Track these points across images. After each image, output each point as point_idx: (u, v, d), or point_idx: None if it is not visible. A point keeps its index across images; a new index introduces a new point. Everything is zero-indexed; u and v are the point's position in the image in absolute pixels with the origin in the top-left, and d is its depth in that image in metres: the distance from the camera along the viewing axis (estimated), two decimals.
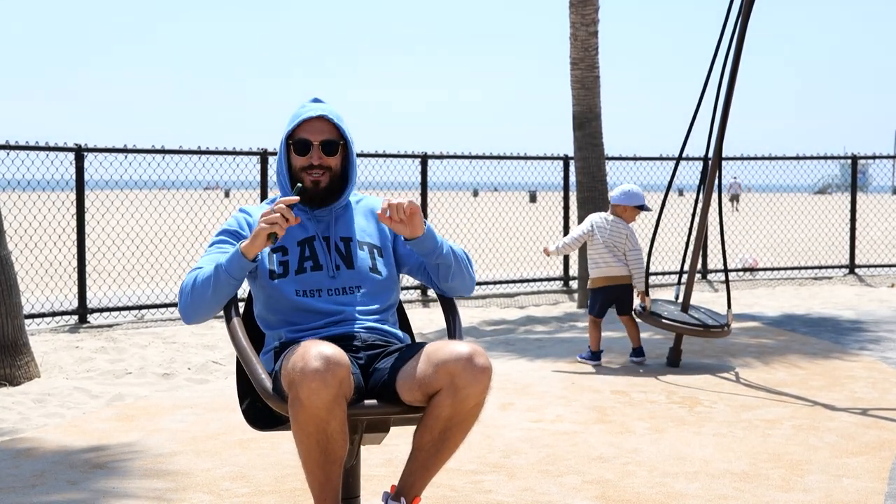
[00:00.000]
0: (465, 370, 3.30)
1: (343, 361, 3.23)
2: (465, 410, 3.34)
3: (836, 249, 16.03)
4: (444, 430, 3.37)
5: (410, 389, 3.36)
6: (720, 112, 7.26)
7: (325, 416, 3.21)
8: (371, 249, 3.68)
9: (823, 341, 8.44)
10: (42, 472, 4.75)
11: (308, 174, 3.60)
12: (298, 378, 3.19)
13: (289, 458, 4.94)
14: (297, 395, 3.20)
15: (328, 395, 3.18)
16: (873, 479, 4.61)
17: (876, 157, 15.05)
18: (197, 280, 3.52)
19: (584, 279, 11.13)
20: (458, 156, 12.68)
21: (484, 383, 3.34)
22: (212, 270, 3.49)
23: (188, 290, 3.54)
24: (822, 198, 25.15)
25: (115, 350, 8.14)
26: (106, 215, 13.04)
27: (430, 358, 3.34)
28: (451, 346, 3.36)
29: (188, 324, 3.60)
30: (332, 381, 3.18)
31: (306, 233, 3.64)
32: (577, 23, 10.96)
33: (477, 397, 3.35)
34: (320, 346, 3.24)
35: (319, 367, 3.18)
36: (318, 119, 3.61)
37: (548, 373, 7.10)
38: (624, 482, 4.58)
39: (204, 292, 3.51)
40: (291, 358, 3.26)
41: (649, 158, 13.64)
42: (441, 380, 3.31)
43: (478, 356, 3.34)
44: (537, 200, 17.93)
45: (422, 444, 3.41)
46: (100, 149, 10.13)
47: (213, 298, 3.51)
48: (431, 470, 3.46)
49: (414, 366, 3.37)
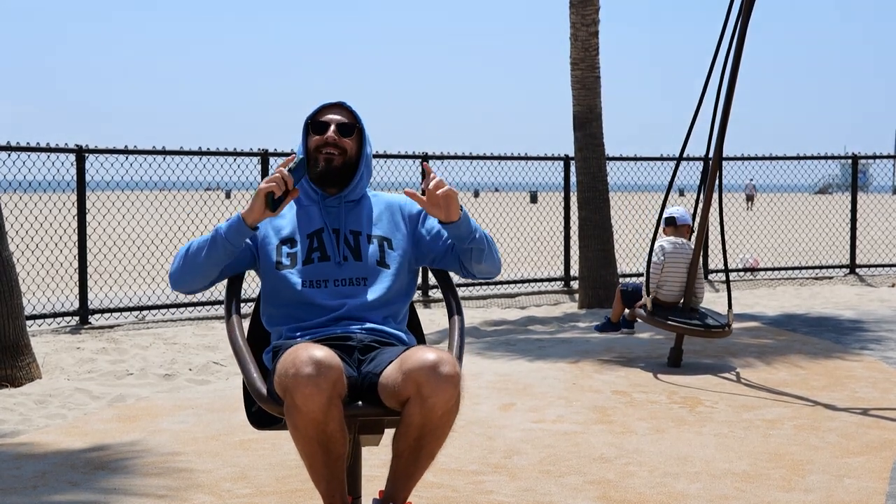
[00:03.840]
0: (429, 379, 3.22)
1: (334, 363, 3.22)
2: (433, 419, 3.28)
3: (837, 249, 16.02)
4: (418, 438, 3.32)
5: (387, 395, 3.34)
6: (720, 112, 7.26)
7: (323, 419, 3.21)
8: (381, 242, 3.68)
9: (824, 341, 8.44)
10: (43, 472, 4.76)
11: (322, 153, 3.63)
12: (292, 384, 3.18)
13: (290, 458, 4.94)
14: (293, 401, 3.19)
15: (322, 398, 3.18)
16: (874, 479, 4.61)
17: (876, 157, 15.05)
18: (193, 244, 3.55)
19: (585, 279, 11.14)
20: (459, 156, 12.68)
21: (449, 392, 3.24)
22: (209, 235, 3.52)
23: (182, 253, 3.56)
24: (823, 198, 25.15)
25: (116, 351, 8.14)
26: (107, 216, 13.04)
27: (402, 365, 3.30)
28: (420, 352, 3.30)
29: (174, 289, 3.61)
30: (324, 384, 3.18)
31: (316, 225, 3.65)
32: (578, 23, 10.96)
33: (444, 405, 3.26)
34: (310, 349, 3.23)
35: (311, 373, 3.17)
36: (338, 105, 3.71)
37: (549, 373, 7.10)
38: (625, 482, 4.58)
39: (197, 255, 3.52)
40: (283, 363, 3.25)
41: (650, 159, 13.64)
42: (409, 388, 3.26)
43: (443, 364, 3.24)
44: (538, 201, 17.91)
45: (399, 451, 3.38)
46: (101, 150, 10.13)
47: (205, 262, 3.52)
48: (414, 476, 3.43)
49: (389, 372, 3.34)
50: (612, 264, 11.15)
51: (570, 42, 11.03)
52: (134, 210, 15.15)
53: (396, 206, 3.77)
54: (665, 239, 7.65)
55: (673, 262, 7.47)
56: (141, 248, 16.21)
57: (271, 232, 3.65)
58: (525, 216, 15.86)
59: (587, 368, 7.31)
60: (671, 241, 7.57)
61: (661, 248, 7.50)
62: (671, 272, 7.48)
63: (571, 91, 11.06)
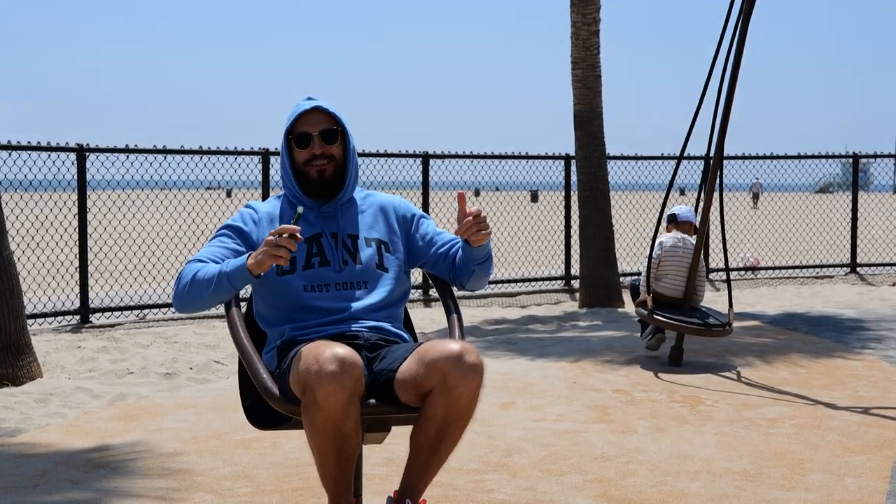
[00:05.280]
0: (455, 368, 3.27)
1: (357, 361, 3.23)
2: (458, 409, 3.32)
3: (838, 248, 16.02)
4: (440, 430, 3.35)
5: (405, 390, 3.35)
6: (721, 111, 7.26)
7: (342, 417, 3.21)
8: (378, 245, 3.68)
9: (825, 340, 8.44)
10: (44, 471, 4.76)
11: (312, 165, 3.61)
12: (314, 380, 3.17)
13: (291, 457, 4.95)
14: (314, 397, 3.19)
15: (344, 396, 3.18)
16: (875, 478, 4.61)
17: (877, 156, 15.05)
18: (197, 276, 3.49)
19: (586, 279, 11.14)
20: (460, 155, 12.68)
21: (476, 381, 3.30)
22: (214, 272, 3.46)
23: (187, 282, 3.50)
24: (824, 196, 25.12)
25: (116, 350, 8.14)
26: (108, 215, 13.04)
27: (423, 357, 3.33)
28: (442, 344, 3.34)
29: (178, 312, 3.60)
30: (347, 382, 3.18)
31: (314, 229, 3.64)
32: (579, 22, 10.96)
33: (469, 395, 3.31)
34: (333, 347, 3.23)
35: (335, 370, 3.17)
36: (315, 111, 3.64)
37: (549, 372, 7.10)
38: (625, 481, 4.58)
39: (202, 291, 3.48)
40: (303, 360, 3.24)
41: (651, 158, 13.64)
42: (433, 379, 3.29)
43: (468, 354, 3.30)
44: (539, 200, 17.90)
45: (419, 445, 3.40)
46: (101, 149, 10.13)
47: (210, 300, 3.50)
48: (431, 471, 3.46)
49: (408, 366, 3.36)
50: (613, 263, 11.15)
51: (571, 41, 11.03)
52: (135, 209, 15.15)
53: (391, 208, 3.78)
54: (665, 235, 7.65)
55: (671, 256, 7.45)
56: (142, 247, 16.20)
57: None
58: (526, 215, 15.85)
59: (588, 367, 7.31)
60: (670, 237, 7.57)
61: (659, 244, 7.51)
62: (670, 266, 7.46)
63: (572, 90, 11.06)
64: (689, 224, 7.71)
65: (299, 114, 3.63)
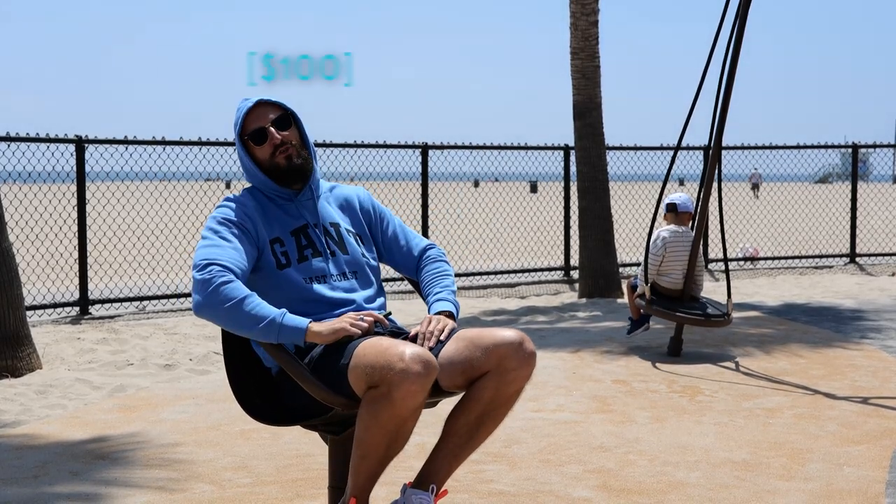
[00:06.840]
0: (515, 354, 3.35)
1: (436, 364, 3.23)
2: (507, 394, 3.38)
3: (837, 238, 16.03)
4: (482, 415, 3.39)
5: (452, 374, 3.37)
6: (720, 101, 7.25)
7: (410, 416, 3.21)
8: (356, 237, 3.72)
9: (824, 330, 8.45)
10: (44, 463, 4.77)
11: (277, 156, 3.59)
12: (397, 378, 3.13)
13: (290, 448, 4.96)
14: (390, 393, 3.14)
15: (422, 398, 3.19)
16: (874, 468, 4.61)
17: (877, 146, 15.04)
18: (246, 306, 3.32)
19: (585, 269, 11.14)
20: (459, 146, 12.67)
21: (530, 369, 3.39)
22: (268, 316, 3.31)
23: (231, 304, 3.32)
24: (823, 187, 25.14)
25: (116, 341, 8.15)
26: (107, 207, 13.04)
27: (476, 342, 3.38)
28: (499, 331, 3.42)
29: (198, 317, 3.41)
30: (428, 384, 3.19)
31: (298, 221, 3.62)
32: (578, 12, 10.94)
33: (523, 381, 3.39)
34: (408, 346, 3.20)
35: (420, 371, 3.15)
36: (258, 105, 3.63)
37: (548, 363, 7.11)
38: (625, 471, 4.59)
39: (245, 324, 3.32)
40: (382, 355, 3.19)
41: (650, 148, 13.62)
42: (489, 363, 3.34)
43: (527, 342, 3.40)
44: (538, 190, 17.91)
45: (455, 429, 3.42)
46: (100, 140, 10.13)
47: (245, 333, 3.36)
48: (460, 457, 3.47)
49: (456, 351, 3.39)
50: (613, 254, 11.15)
51: (570, 31, 11.01)
52: (134, 200, 15.16)
53: (356, 202, 3.81)
54: (665, 228, 7.62)
55: (674, 251, 7.46)
56: (141, 239, 16.20)
57: (264, 233, 3.56)
58: (525, 206, 15.86)
59: (587, 358, 7.31)
60: (671, 230, 7.55)
61: (661, 239, 7.47)
62: (672, 261, 7.46)
63: (571, 80, 11.05)
64: (689, 215, 7.69)
65: (245, 113, 3.62)
